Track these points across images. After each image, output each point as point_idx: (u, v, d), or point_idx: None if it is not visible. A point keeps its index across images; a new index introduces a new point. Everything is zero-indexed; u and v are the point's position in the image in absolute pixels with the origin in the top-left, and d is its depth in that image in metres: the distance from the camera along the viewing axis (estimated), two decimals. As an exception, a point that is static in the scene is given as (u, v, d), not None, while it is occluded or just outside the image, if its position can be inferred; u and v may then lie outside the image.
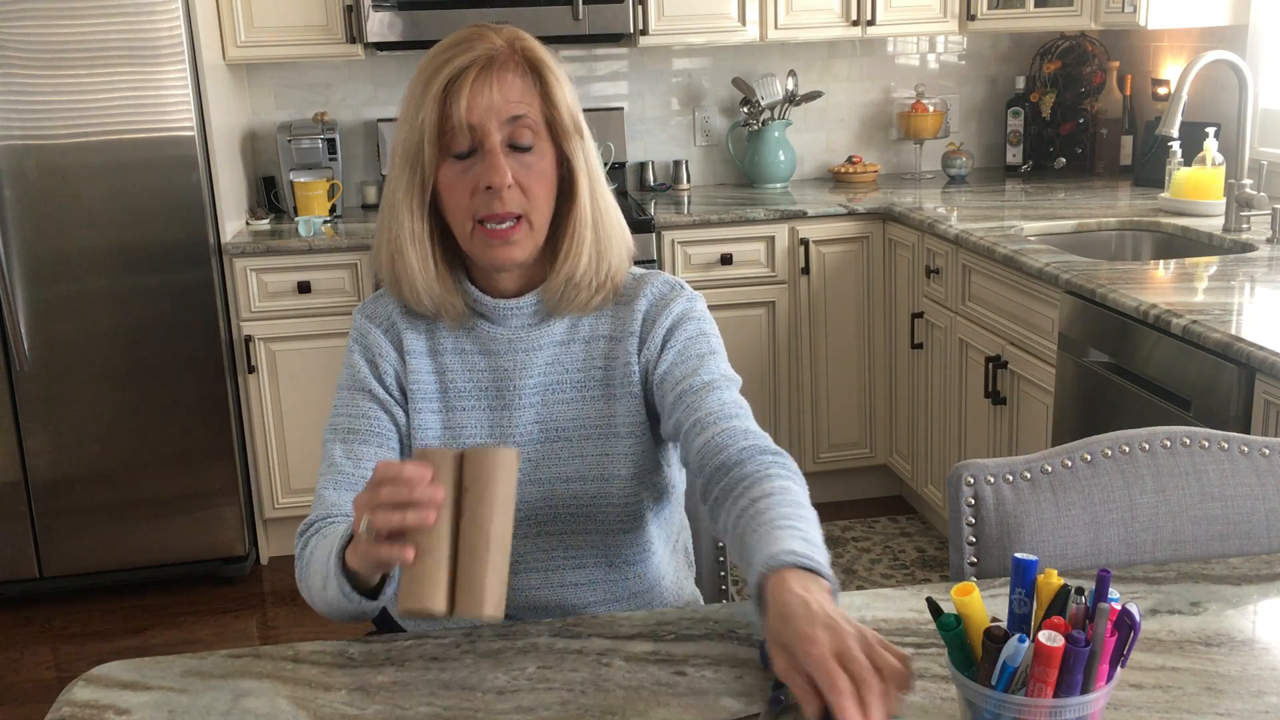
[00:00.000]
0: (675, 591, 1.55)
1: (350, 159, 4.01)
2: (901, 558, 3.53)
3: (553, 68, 1.39)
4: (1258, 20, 3.32)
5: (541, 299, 1.45)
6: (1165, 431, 1.49)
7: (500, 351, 1.46)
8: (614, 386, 1.46)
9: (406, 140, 1.38)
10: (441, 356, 1.46)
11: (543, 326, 1.46)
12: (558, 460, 1.45)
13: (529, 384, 1.45)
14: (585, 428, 1.45)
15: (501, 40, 1.38)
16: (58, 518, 3.39)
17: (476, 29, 1.39)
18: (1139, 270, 2.67)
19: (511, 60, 1.37)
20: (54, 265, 3.25)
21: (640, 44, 3.77)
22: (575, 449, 1.45)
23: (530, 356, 1.45)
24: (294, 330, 3.48)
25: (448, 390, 1.46)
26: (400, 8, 3.54)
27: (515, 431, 1.45)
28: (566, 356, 1.46)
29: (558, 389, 1.46)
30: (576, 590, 1.47)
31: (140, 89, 3.21)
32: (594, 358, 1.47)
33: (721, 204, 3.78)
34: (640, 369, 1.46)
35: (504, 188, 1.34)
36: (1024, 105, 4.15)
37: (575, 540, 1.46)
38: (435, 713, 1.15)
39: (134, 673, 1.24)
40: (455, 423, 1.46)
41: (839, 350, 3.75)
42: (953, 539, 1.46)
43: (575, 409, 1.46)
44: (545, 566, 1.46)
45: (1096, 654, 0.95)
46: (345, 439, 1.44)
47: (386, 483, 1.12)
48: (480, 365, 1.46)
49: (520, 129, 1.36)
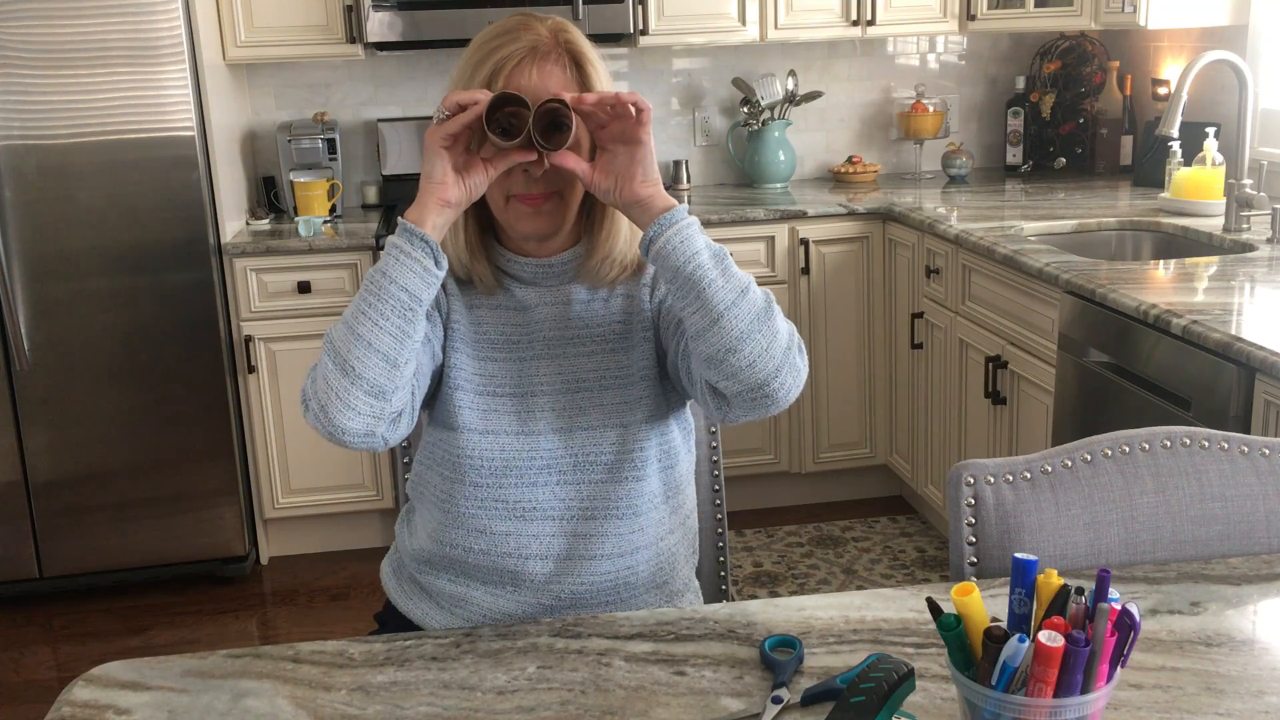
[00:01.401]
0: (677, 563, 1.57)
1: (350, 159, 4.01)
2: (901, 558, 3.53)
3: (593, 60, 1.46)
4: (1258, 20, 3.32)
5: (572, 265, 1.51)
6: (1165, 431, 1.49)
7: (529, 306, 1.51)
8: (631, 336, 1.51)
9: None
10: (476, 310, 1.52)
11: (569, 285, 1.52)
12: (579, 410, 1.50)
13: (554, 337, 1.51)
14: (605, 378, 1.51)
15: (546, 31, 1.44)
16: (58, 518, 3.39)
17: (523, 18, 1.46)
18: (1139, 270, 2.67)
19: (554, 51, 1.43)
20: (54, 265, 3.25)
21: (640, 44, 3.77)
22: (595, 399, 1.50)
23: (556, 309, 1.51)
24: (294, 330, 3.48)
25: (480, 341, 1.51)
26: (400, 8, 3.54)
27: (541, 383, 1.50)
28: (588, 312, 1.52)
29: (579, 342, 1.51)
30: (587, 542, 1.49)
31: (140, 89, 3.21)
32: (614, 311, 1.52)
33: (721, 204, 3.78)
34: (653, 311, 1.51)
35: (539, 171, 1.40)
36: (1024, 105, 4.15)
37: (590, 490, 1.50)
38: (435, 713, 1.15)
39: (134, 673, 1.24)
40: (486, 371, 1.51)
41: (839, 350, 3.75)
42: (953, 539, 1.46)
43: (596, 361, 1.51)
44: (561, 515, 1.49)
45: (1096, 654, 0.95)
46: None
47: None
48: (510, 320, 1.51)
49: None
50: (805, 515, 3.82)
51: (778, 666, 1.19)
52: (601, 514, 1.49)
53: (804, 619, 1.30)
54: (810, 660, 1.22)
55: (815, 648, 1.24)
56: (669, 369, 1.51)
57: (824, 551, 3.57)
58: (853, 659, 1.21)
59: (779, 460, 3.79)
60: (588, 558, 1.49)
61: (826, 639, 1.26)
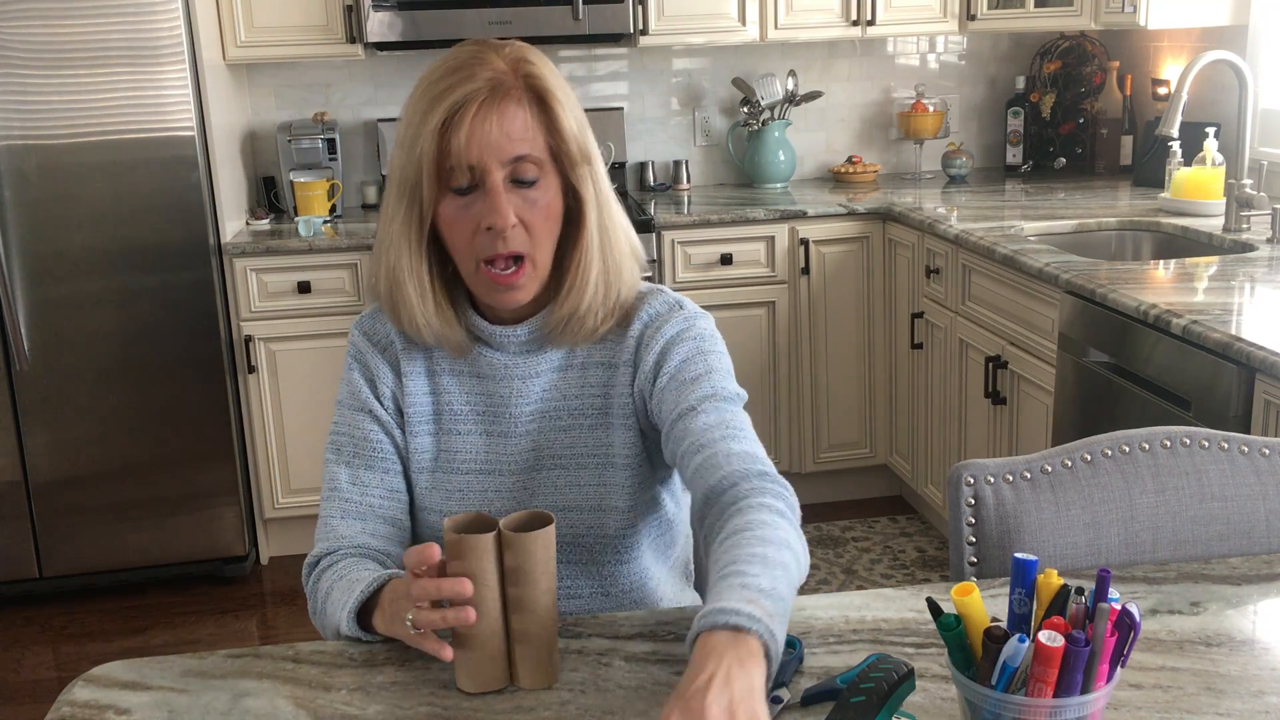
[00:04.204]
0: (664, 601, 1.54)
1: (350, 159, 4.01)
2: (901, 558, 3.53)
3: (558, 95, 1.32)
4: (1258, 20, 3.32)
5: (540, 328, 1.41)
6: (1165, 431, 1.49)
7: (497, 376, 1.42)
8: (611, 415, 1.42)
9: (404, 170, 1.33)
10: (438, 379, 1.44)
11: (540, 353, 1.42)
12: (553, 489, 1.42)
13: (525, 410, 1.42)
14: (582, 456, 1.42)
15: (504, 64, 1.30)
16: (58, 518, 3.39)
17: (478, 49, 1.32)
18: (1139, 270, 2.67)
19: (515, 89, 1.30)
20: (54, 265, 3.25)
21: (640, 44, 3.77)
22: (571, 477, 1.42)
23: (527, 383, 1.42)
24: (294, 330, 3.48)
25: (442, 414, 1.44)
26: (400, 8, 3.54)
27: (510, 458, 1.43)
28: (563, 383, 1.43)
29: (554, 416, 1.42)
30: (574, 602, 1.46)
31: (140, 89, 3.21)
32: (590, 385, 1.43)
33: (721, 204, 3.78)
34: (637, 399, 1.41)
35: (506, 229, 1.30)
36: (1024, 105, 4.15)
37: (570, 570, 1.44)
38: (435, 713, 1.15)
39: (134, 673, 1.24)
40: (450, 446, 1.43)
41: (839, 350, 3.75)
42: (953, 539, 1.46)
43: (572, 436, 1.42)
44: None
45: (1096, 654, 0.95)
46: (350, 463, 1.42)
47: (418, 580, 1.13)
48: (476, 390, 1.43)
49: (524, 166, 1.31)
50: (805, 515, 3.77)
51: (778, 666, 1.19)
52: (586, 593, 1.45)
53: (804, 619, 1.30)
54: (810, 660, 1.22)
55: (815, 648, 1.24)
56: (666, 459, 1.39)
57: (824, 551, 3.57)
58: (853, 659, 1.21)
59: (779, 460, 3.79)
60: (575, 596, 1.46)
61: (826, 639, 1.26)
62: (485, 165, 1.29)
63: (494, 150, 1.28)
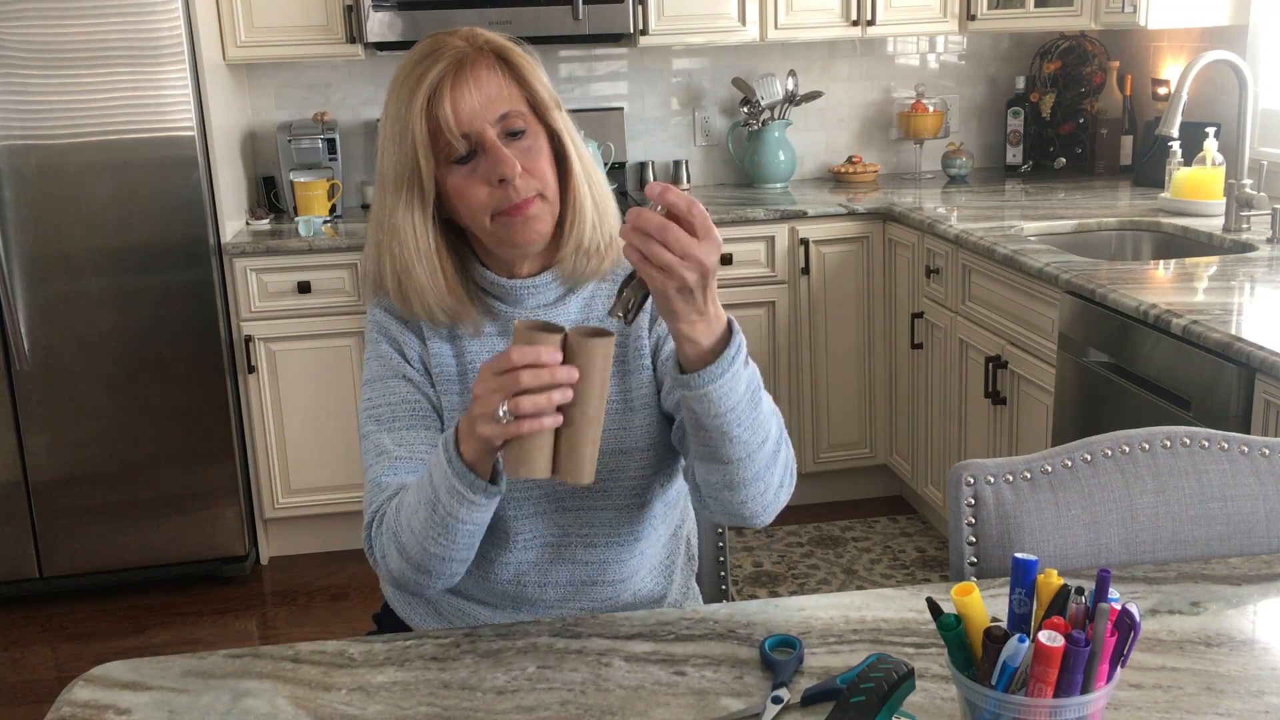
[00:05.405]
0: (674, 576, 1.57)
1: (350, 159, 4.01)
2: (901, 558, 3.53)
3: (517, 51, 1.41)
4: (1258, 20, 3.32)
5: (558, 274, 1.47)
6: (1165, 431, 1.49)
7: None
8: (627, 361, 1.47)
9: (398, 162, 1.38)
10: (461, 342, 1.48)
11: (558, 305, 1.48)
12: None
13: None
14: None
15: (461, 40, 1.39)
16: (58, 518, 3.39)
17: (434, 38, 1.41)
18: (1139, 270, 2.67)
19: (480, 56, 1.38)
20: (54, 265, 3.25)
21: (640, 44, 3.77)
22: None
23: None
24: (294, 330, 3.48)
25: (467, 373, 1.47)
26: (400, 8, 3.54)
27: None
28: None
29: None
30: (586, 568, 1.48)
31: (140, 89, 3.21)
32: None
33: (721, 204, 3.78)
34: (651, 343, 1.47)
35: (516, 176, 1.36)
36: (1024, 105, 4.15)
37: (589, 517, 1.47)
38: (435, 713, 1.15)
39: (134, 673, 1.24)
40: None
41: (839, 350, 3.75)
42: (953, 539, 1.46)
43: None
44: (559, 542, 1.47)
45: (1096, 654, 0.95)
46: (392, 427, 1.45)
47: (526, 368, 1.17)
48: (500, 347, 1.47)
49: (511, 119, 1.38)
50: (805, 515, 3.82)
51: (778, 666, 1.19)
52: (602, 541, 1.47)
53: (804, 619, 1.30)
54: (810, 660, 1.22)
55: (815, 648, 1.24)
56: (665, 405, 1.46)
57: (824, 551, 3.57)
58: (853, 659, 1.21)
59: (779, 460, 3.78)
60: (589, 583, 1.48)
61: (826, 639, 1.26)
62: (478, 128, 1.36)
63: (481, 113, 1.36)
